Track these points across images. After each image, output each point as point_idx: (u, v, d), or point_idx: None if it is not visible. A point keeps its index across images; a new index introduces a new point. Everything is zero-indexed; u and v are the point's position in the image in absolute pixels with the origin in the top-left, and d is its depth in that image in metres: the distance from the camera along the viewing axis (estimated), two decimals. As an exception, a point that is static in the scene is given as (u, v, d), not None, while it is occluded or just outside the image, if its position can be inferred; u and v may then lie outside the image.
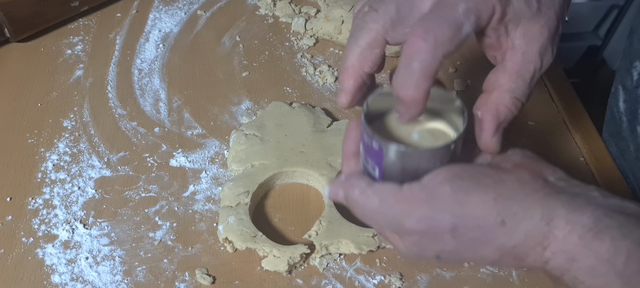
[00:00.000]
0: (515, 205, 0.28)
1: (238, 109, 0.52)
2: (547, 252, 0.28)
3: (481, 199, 0.28)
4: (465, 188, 0.28)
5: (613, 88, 0.54)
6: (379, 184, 0.30)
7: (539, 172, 0.30)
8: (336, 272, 0.41)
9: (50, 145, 0.48)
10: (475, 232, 0.28)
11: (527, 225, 0.28)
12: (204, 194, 0.45)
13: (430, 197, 0.29)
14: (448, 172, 0.29)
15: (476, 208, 0.28)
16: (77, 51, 0.57)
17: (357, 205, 0.31)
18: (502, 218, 0.28)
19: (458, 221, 0.28)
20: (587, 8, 1.08)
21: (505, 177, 0.29)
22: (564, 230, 0.27)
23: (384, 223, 0.30)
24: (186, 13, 0.61)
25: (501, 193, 0.28)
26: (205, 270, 0.40)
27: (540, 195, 0.28)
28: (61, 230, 0.42)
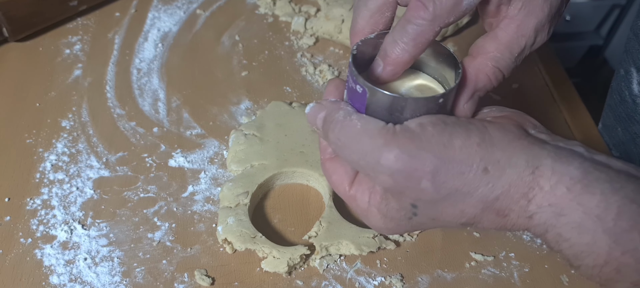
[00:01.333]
0: (498, 151, 0.27)
1: (237, 108, 0.52)
2: (531, 205, 0.26)
3: (464, 143, 0.27)
4: (449, 131, 0.27)
5: (622, 71, 0.52)
6: (366, 116, 0.29)
7: (521, 123, 0.29)
8: (336, 273, 0.41)
9: (48, 146, 0.48)
10: (457, 179, 0.27)
11: (511, 174, 0.26)
12: (203, 195, 0.45)
13: (414, 136, 0.27)
14: (431, 118, 0.28)
15: (459, 152, 0.27)
16: (76, 51, 0.56)
17: (336, 126, 0.29)
18: (485, 165, 0.26)
19: (440, 164, 0.26)
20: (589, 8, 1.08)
21: (488, 125, 0.28)
22: (551, 180, 0.26)
23: (359, 154, 0.28)
24: (185, 12, 0.61)
25: (484, 138, 0.27)
26: (204, 271, 0.40)
27: (524, 142, 0.27)
28: (60, 230, 0.42)
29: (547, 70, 0.56)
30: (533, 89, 0.55)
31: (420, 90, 0.32)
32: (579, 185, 0.26)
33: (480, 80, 0.31)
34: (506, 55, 0.31)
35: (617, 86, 0.53)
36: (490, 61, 0.31)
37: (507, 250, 0.42)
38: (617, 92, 0.53)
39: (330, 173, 0.32)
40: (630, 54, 0.51)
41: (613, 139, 0.52)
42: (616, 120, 0.52)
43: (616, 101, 0.53)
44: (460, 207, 0.28)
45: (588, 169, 0.26)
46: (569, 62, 1.15)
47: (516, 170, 0.26)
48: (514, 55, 0.31)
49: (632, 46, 0.50)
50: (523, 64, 0.59)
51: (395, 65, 0.30)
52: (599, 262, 0.26)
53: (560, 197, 0.26)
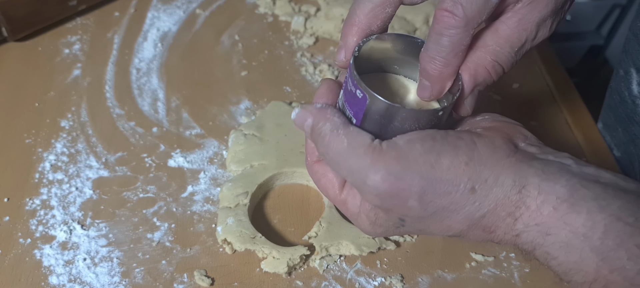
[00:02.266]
0: (486, 170, 0.26)
1: (237, 108, 0.52)
2: (518, 224, 0.26)
3: (452, 162, 0.26)
4: (437, 150, 0.27)
5: (621, 71, 0.52)
6: (354, 128, 0.28)
7: (511, 136, 0.29)
8: (336, 273, 0.41)
9: (47, 146, 0.48)
10: (444, 198, 0.27)
11: (498, 193, 0.26)
12: (203, 195, 0.45)
13: (401, 155, 0.27)
14: (420, 133, 0.28)
15: (447, 172, 0.26)
16: (75, 50, 0.56)
17: (323, 140, 0.28)
18: (472, 185, 0.26)
19: (427, 185, 0.26)
20: (589, 7, 1.07)
21: (477, 141, 0.27)
22: (537, 199, 0.26)
23: (345, 171, 0.28)
24: (185, 12, 0.61)
25: (472, 157, 0.27)
26: (204, 271, 0.40)
27: (512, 160, 0.27)
28: (59, 231, 0.42)
29: (547, 70, 0.56)
30: (534, 89, 0.55)
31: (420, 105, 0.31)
32: (565, 204, 0.25)
33: (480, 75, 0.30)
34: (506, 49, 0.30)
35: (616, 86, 0.53)
36: (490, 55, 0.30)
37: (507, 251, 0.42)
38: (617, 93, 0.53)
39: (318, 176, 0.32)
40: (629, 55, 0.50)
41: (614, 139, 0.52)
42: (616, 120, 0.52)
43: (616, 101, 0.53)
44: (447, 222, 0.28)
45: (575, 187, 0.26)
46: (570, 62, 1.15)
47: (503, 189, 0.26)
48: (514, 49, 0.30)
49: (631, 47, 0.50)
50: (523, 64, 0.60)
51: (441, 82, 0.29)
52: (588, 279, 0.26)
53: (547, 216, 0.26)
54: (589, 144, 0.50)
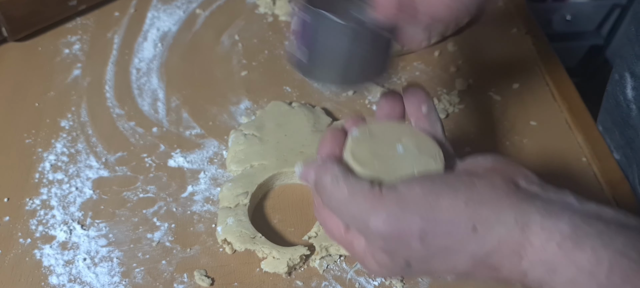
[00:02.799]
0: (486, 209, 0.27)
1: (237, 108, 0.52)
2: (524, 262, 0.27)
3: (451, 203, 0.27)
4: (436, 191, 0.27)
5: (616, 75, 0.52)
6: (352, 177, 0.29)
7: (511, 176, 0.29)
8: (336, 273, 0.41)
9: (47, 146, 0.48)
10: (446, 238, 0.27)
11: (500, 231, 0.26)
12: (203, 195, 0.45)
13: (400, 198, 0.27)
14: (419, 177, 0.29)
15: (446, 213, 0.27)
16: (75, 50, 0.56)
17: (325, 191, 0.30)
18: (473, 224, 0.27)
19: (427, 225, 0.27)
20: (589, 7, 1.07)
21: (476, 182, 0.28)
22: (541, 237, 0.26)
23: (348, 218, 0.29)
24: (185, 12, 0.61)
25: (472, 197, 0.27)
26: (204, 271, 0.40)
27: (513, 199, 0.27)
28: (59, 231, 0.42)
29: (547, 70, 0.56)
30: (533, 89, 0.55)
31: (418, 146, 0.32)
32: (569, 241, 0.26)
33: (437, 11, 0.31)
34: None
35: (612, 90, 0.53)
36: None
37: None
38: (613, 97, 0.53)
39: (324, 220, 0.33)
40: (624, 59, 0.51)
41: (613, 142, 0.52)
42: (613, 124, 0.52)
43: (612, 105, 0.53)
44: (452, 262, 0.28)
45: (577, 224, 0.26)
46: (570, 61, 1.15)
47: (505, 227, 0.26)
48: None
49: (626, 51, 0.50)
50: (523, 63, 0.60)
51: None
52: None
53: (552, 253, 0.26)
54: (588, 143, 0.50)
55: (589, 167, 0.49)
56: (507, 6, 0.63)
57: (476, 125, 0.51)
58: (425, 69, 0.56)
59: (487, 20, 0.51)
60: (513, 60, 0.58)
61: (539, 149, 0.50)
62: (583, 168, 0.48)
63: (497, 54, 0.58)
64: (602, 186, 0.47)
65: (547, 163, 0.49)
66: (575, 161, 0.49)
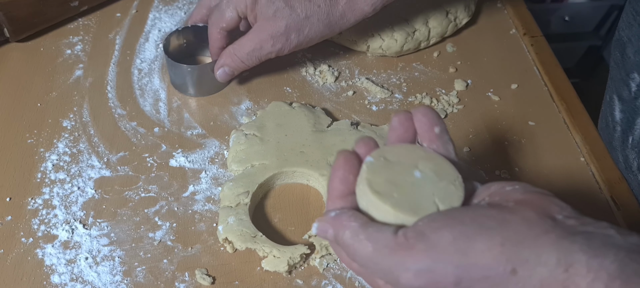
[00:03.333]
0: (525, 250, 0.25)
1: (238, 108, 0.52)
2: None
3: (486, 246, 0.25)
4: (467, 235, 0.25)
5: (607, 97, 0.53)
6: (372, 228, 0.27)
7: (546, 209, 0.27)
8: (336, 272, 0.41)
9: (49, 145, 0.48)
10: (483, 283, 0.25)
11: (542, 273, 0.25)
12: (204, 194, 0.45)
13: (429, 247, 0.26)
14: (446, 217, 0.27)
15: (482, 257, 0.25)
16: (77, 51, 0.57)
17: (348, 249, 0.28)
18: (513, 266, 0.25)
19: (462, 273, 0.25)
20: (587, 8, 1.08)
21: (509, 218, 0.26)
22: (586, 278, 0.24)
23: (377, 274, 0.28)
24: (186, 13, 0.61)
25: (508, 237, 0.25)
26: (205, 270, 0.40)
27: (552, 237, 0.25)
28: (61, 230, 0.42)
29: (545, 71, 0.56)
30: (532, 89, 0.55)
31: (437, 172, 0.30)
32: (618, 281, 0.24)
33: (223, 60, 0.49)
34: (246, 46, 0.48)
35: (604, 112, 0.53)
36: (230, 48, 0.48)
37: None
38: (604, 118, 0.53)
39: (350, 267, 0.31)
40: (613, 81, 0.51)
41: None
42: (605, 143, 0.52)
43: (602, 126, 0.54)
44: None
45: (624, 261, 0.25)
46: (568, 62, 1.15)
47: (547, 268, 0.25)
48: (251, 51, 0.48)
49: (614, 74, 0.51)
50: (522, 64, 0.60)
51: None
52: None
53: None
54: (587, 144, 0.50)
55: (587, 166, 0.49)
56: (505, 7, 0.64)
57: (475, 125, 0.51)
58: (424, 69, 0.56)
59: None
60: (511, 61, 0.58)
61: (537, 149, 0.50)
62: (581, 168, 0.49)
63: (496, 55, 0.59)
64: (600, 186, 0.48)
65: (545, 164, 0.49)
66: (573, 161, 0.49)
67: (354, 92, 0.54)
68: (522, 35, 0.60)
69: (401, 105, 0.53)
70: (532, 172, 0.48)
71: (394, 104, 0.53)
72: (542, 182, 0.47)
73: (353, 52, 0.58)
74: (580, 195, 0.47)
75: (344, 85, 0.54)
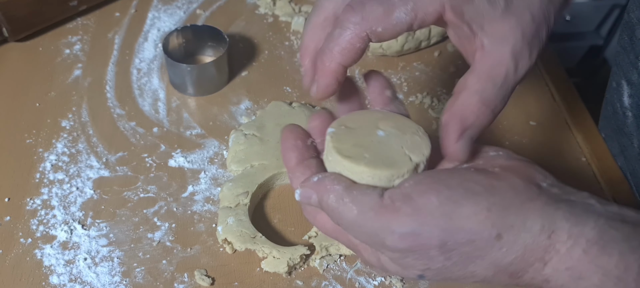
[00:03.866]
0: (511, 216, 0.25)
1: (237, 108, 0.52)
2: (547, 269, 0.26)
3: (472, 210, 0.25)
4: (454, 199, 0.26)
5: (613, 83, 0.52)
6: (357, 191, 0.27)
7: (531, 177, 0.28)
8: (336, 273, 0.41)
9: (48, 146, 0.48)
10: (467, 246, 0.26)
11: (526, 238, 0.25)
12: (203, 195, 0.45)
13: (415, 210, 0.26)
14: (433, 180, 0.27)
15: (468, 221, 0.25)
16: (76, 51, 0.56)
17: (333, 212, 0.28)
18: (498, 232, 0.25)
19: (447, 236, 0.25)
20: (589, 7, 1.08)
21: (496, 184, 0.26)
22: (567, 243, 0.25)
23: (362, 237, 0.28)
24: (185, 12, 0.61)
25: (495, 202, 0.26)
26: (204, 271, 0.40)
27: (537, 204, 0.26)
28: (59, 230, 0.42)
29: (547, 70, 0.56)
30: (533, 89, 0.55)
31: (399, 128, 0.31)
32: (595, 246, 0.25)
33: (468, 118, 0.29)
34: (489, 86, 0.29)
35: (610, 98, 0.53)
36: (474, 95, 0.29)
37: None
38: (610, 105, 0.53)
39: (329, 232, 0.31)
40: (620, 67, 0.51)
41: (612, 149, 0.52)
42: (612, 131, 0.52)
43: (608, 113, 0.53)
44: (471, 269, 0.27)
45: (603, 228, 0.25)
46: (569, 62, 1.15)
47: (531, 235, 0.25)
48: (498, 85, 0.29)
49: (621, 59, 0.51)
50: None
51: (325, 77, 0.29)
52: None
53: (578, 260, 0.25)
54: (588, 143, 0.50)
55: (588, 166, 0.49)
56: (506, 6, 0.63)
57: (476, 125, 0.51)
58: (425, 69, 0.56)
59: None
60: (513, 61, 0.58)
61: (539, 149, 0.50)
62: (582, 168, 0.48)
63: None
64: (602, 186, 0.47)
65: (546, 163, 0.48)
66: (574, 161, 0.49)
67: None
68: (523, 34, 0.60)
69: (401, 105, 0.53)
70: (533, 172, 0.48)
71: (395, 103, 0.53)
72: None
73: (353, 51, 0.58)
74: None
75: (344, 85, 0.54)
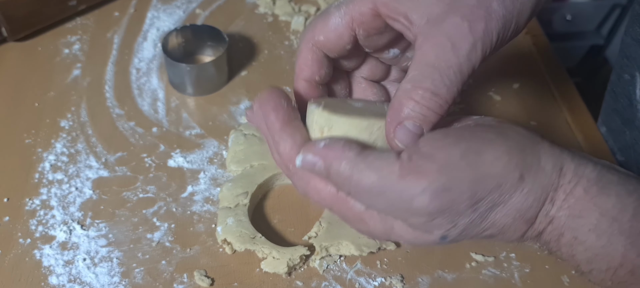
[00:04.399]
0: (528, 156, 0.25)
1: (237, 108, 0.52)
2: (553, 209, 0.26)
3: (494, 155, 0.25)
4: (474, 148, 0.25)
5: (625, 75, 0.52)
6: (372, 155, 0.25)
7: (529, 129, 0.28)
8: (336, 273, 0.41)
9: (47, 146, 0.48)
10: (494, 193, 0.25)
11: (542, 178, 0.25)
12: (203, 195, 0.45)
13: (441, 165, 0.24)
14: (448, 135, 0.26)
15: (492, 167, 0.25)
16: (75, 50, 0.56)
17: (345, 180, 0.25)
18: (520, 172, 0.25)
19: (476, 186, 0.24)
20: (589, 7, 1.07)
21: (505, 131, 0.26)
22: (571, 183, 0.25)
23: (381, 204, 0.25)
24: (185, 12, 0.61)
25: (511, 146, 0.25)
26: (203, 271, 0.40)
27: (545, 145, 0.26)
28: (59, 231, 0.42)
29: (547, 70, 0.56)
30: (534, 89, 0.55)
31: None
32: (595, 187, 0.25)
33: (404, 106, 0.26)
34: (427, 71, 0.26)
35: (623, 90, 0.52)
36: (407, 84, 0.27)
37: (507, 251, 0.42)
38: (625, 96, 0.52)
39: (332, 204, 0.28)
40: (633, 60, 0.50)
41: (618, 143, 0.52)
42: (623, 124, 0.51)
43: (625, 105, 0.53)
44: (492, 218, 0.26)
45: (602, 172, 0.26)
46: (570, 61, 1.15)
47: (545, 174, 0.25)
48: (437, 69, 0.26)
49: (633, 51, 0.50)
50: (524, 63, 0.60)
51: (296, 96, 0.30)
52: (614, 265, 0.25)
53: (578, 198, 0.25)
54: (589, 144, 0.50)
55: (589, 167, 0.49)
56: (507, 6, 0.63)
57: (476, 125, 0.51)
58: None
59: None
60: (513, 60, 0.58)
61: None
62: (583, 168, 0.48)
63: (497, 54, 0.58)
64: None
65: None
66: (575, 161, 0.49)
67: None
68: (524, 34, 0.60)
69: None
70: (533, 172, 0.48)
71: (395, 103, 0.53)
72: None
73: (353, 51, 0.57)
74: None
75: (344, 85, 0.54)
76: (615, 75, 0.53)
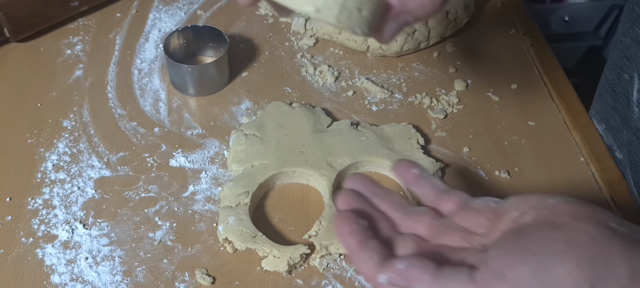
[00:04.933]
0: (599, 265, 0.25)
1: (238, 109, 0.52)
2: None
3: (565, 270, 0.25)
4: (544, 264, 0.25)
5: (625, 75, 0.52)
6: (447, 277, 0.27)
7: (600, 220, 0.27)
8: (336, 272, 0.41)
9: (49, 145, 0.48)
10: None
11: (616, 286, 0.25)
12: (204, 194, 0.45)
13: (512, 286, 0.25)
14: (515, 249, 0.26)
15: (563, 282, 0.25)
16: (77, 51, 0.57)
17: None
18: (592, 284, 0.25)
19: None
20: (587, 8, 1.08)
21: (574, 237, 0.26)
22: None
23: None
24: (186, 13, 0.61)
25: (581, 256, 0.25)
26: (205, 270, 0.40)
27: (618, 249, 0.26)
28: (61, 230, 0.42)
29: (545, 71, 0.56)
30: (532, 90, 0.55)
31: None
32: None
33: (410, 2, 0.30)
34: None
35: (623, 90, 0.53)
36: None
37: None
38: (624, 96, 0.53)
39: None
40: (632, 60, 0.50)
41: (617, 141, 0.52)
42: (622, 122, 0.52)
43: (624, 104, 0.53)
44: None
45: None
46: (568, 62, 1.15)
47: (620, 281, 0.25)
48: None
49: (633, 52, 0.50)
50: (522, 64, 0.60)
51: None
52: None
53: None
54: (587, 144, 0.50)
55: (587, 167, 0.49)
56: (505, 7, 0.64)
57: (475, 125, 0.52)
58: (424, 69, 0.56)
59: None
60: (511, 61, 0.58)
61: (537, 149, 0.50)
62: (581, 169, 0.49)
63: (496, 55, 0.59)
64: (600, 186, 0.48)
65: (545, 164, 0.49)
66: (573, 161, 0.49)
67: (354, 92, 0.54)
68: (522, 35, 0.60)
69: (401, 105, 0.53)
70: (532, 172, 0.48)
71: (394, 104, 0.53)
72: (542, 182, 0.47)
73: (353, 52, 0.58)
74: (580, 196, 0.47)
75: (344, 85, 0.55)
76: (614, 74, 0.53)
